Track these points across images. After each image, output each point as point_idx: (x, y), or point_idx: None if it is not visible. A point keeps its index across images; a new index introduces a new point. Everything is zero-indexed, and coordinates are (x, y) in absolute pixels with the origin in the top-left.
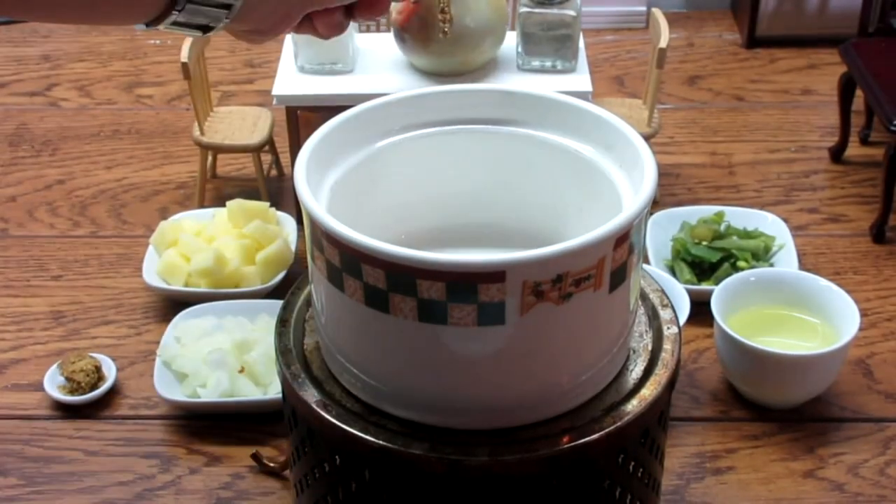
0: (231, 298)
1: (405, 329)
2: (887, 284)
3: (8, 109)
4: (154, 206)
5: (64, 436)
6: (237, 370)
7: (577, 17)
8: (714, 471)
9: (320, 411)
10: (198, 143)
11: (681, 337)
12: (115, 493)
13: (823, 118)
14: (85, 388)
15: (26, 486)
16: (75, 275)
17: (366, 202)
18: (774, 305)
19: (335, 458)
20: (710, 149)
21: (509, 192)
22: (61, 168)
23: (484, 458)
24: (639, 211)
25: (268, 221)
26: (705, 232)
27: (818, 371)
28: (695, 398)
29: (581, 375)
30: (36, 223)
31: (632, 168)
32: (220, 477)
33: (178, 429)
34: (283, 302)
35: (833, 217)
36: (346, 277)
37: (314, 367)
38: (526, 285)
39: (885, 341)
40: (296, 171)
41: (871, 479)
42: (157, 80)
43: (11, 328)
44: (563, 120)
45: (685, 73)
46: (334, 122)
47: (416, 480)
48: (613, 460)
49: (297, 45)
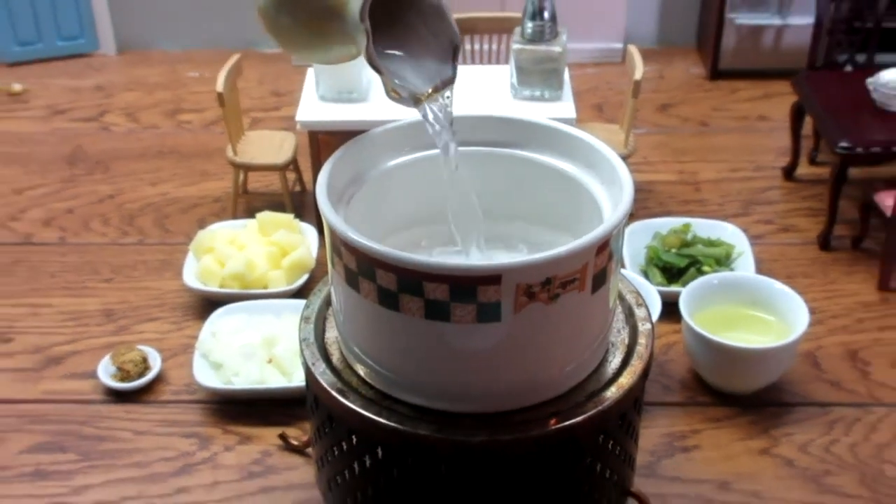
0: (260, 298)
1: (413, 326)
2: (832, 287)
3: (66, 133)
4: (193, 217)
5: (115, 418)
6: (266, 361)
7: (563, 52)
8: (682, 449)
9: (339, 397)
10: (231, 163)
11: (653, 332)
12: (159, 467)
13: (777, 141)
14: (133, 377)
15: (83, 460)
16: (124, 277)
17: (378, 213)
18: (735, 305)
19: (352, 437)
20: (679, 168)
21: (504, 204)
22: (112, 184)
23: (482, 438)
24: (617, 222)
25: (292, 231)
26: (674, 240)
27: (772, 362)
28: (665, 386)
29: (567, 366)
30: (90, 232)
31: (611, 184)
32: (252, 454)
33: (215, 412)
34: (306, 301)
35: (785, 228)
36: (362, 280)
37: (333, 359)
38: (519, 287)
39: (831, 336)
40: (317, 187)
41: (817, 455)
42: (195, 108)
43: (69, 324)
44: (551, 142)
45: (657, 101)
46: (351, 145)
47: (423, 457)
48: (595, 440)
49: (317, 77)
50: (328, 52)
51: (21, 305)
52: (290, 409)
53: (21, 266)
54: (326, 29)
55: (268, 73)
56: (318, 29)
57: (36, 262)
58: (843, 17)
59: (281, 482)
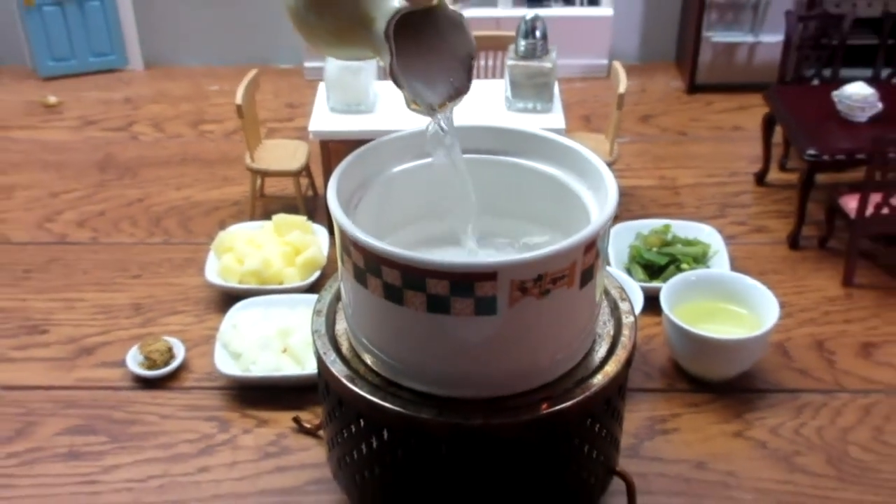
0: (275, 293)
1: (416, 318)
2: (801, 283)
3: (97, 142)
4: (214, 219)
5: (142, 403)
6: (281, 351)
7: (553, 68)
8: (662, 431)
9: (348, 384)
10: (249, 169)
11: (636, 324)
12: (183, 448)
13: (750, 149)
14: (159, 365)
15: (113, 442)
16: (151, 274)
17: (384, 215)
18: (711, 299)
19: (360, 421)
20: (660, 174)
21: (500, 207)
22: (140, 189)
23: (479, 422)
24: (603, 223)
25: (305, 231)
26: (655, 240)
27: (745, 352)
28: (647, 373)
29: (557, 355)
30: (120, 233)
31: (597, 189)
32: (268, 436)
33: (234, 397)
34: (318, 296)
35: (758, 228)
36: (369, 277)
37: (343, 348)
38: (513, 283)
39: (799, 328)
40: (328, 191)
41: (787, 437)
42: (216, 118)
43: (100, 317)
44: (543, 150)
45: (639, 113)
46: (358, 152)
47: (425, 439)
48: (583, 423)
49: (328, 91)
50: (348, 53)
51: (56, 300)
52: (303, 394)
53: (56, 264)
54: (352, 37)
55: (283, 87)
56: (344, 35)
57: (70, 260)
58: (811, 35)
59: (295, 462)
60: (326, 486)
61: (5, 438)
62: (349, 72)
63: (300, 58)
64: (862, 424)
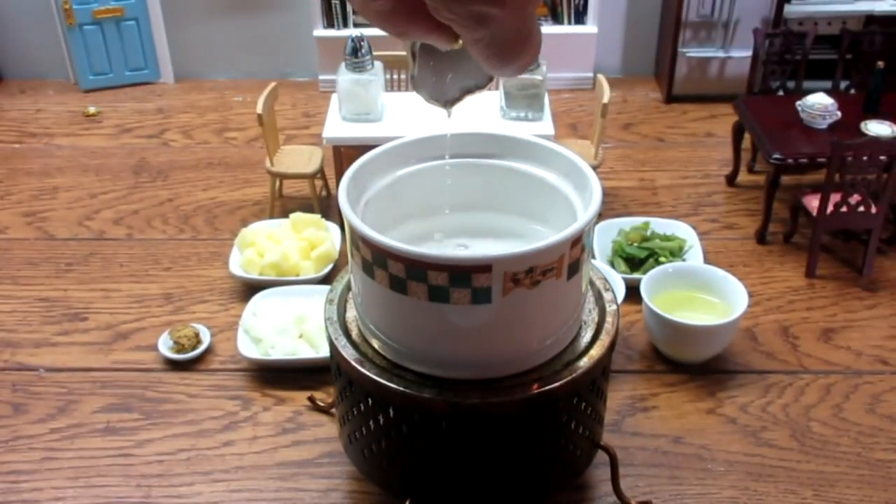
0: (292, 284)
1: (419, 307)
2: (768, 274)
3: (132, 148)
4: (237, 217)
5: (172, 383)
6: (297, 336)
7: (544, 80)
8: (642, 409)
9: (357, 366)
10: (269, 172)
11: (619, 312)
12: (209, 424)
13: (721, 154)
14: (188, 349)
15: (146, 419)
16: (181, 267)
17: (390, 213)
18: (686, 289)
19: (368, 399)
20: (640, 176)
21: (495, 206)
22: (170, 190)
23: (476, 401)
24: (588, 221)
25: (320, 229)
26: (636, 236)
27: (717, 337)
28: (628, 356)
29: (546, 340)
30: (152, 230)
31: (583, 190)
32: (285, 413)
33: (255, 378)
34: (330, 287)
35: (728, 225)
36: (376, 269)
37: (353, 334)
38: (507, 275)
39: (766, 315)
40: (339, 192)
41: (755, 414)
42: (239, 126)
43: (135, 306)
44: (534, 155)
45: (621, 121)
46: (367, 157)
47: (427, 416)
48: (570, 401)
49: (340, 101)
50: None
51: (95, 290)
52: (317, 375)
53: (95, 258)
54: None
55: (299, 98)
56: None
57: (107, 254)
58: (776, 50)
59: (310, 436)
60: (338, 459)
61: (49, 416)
62: (359, 84)
63: (315, 72)
64: (823, 402)
